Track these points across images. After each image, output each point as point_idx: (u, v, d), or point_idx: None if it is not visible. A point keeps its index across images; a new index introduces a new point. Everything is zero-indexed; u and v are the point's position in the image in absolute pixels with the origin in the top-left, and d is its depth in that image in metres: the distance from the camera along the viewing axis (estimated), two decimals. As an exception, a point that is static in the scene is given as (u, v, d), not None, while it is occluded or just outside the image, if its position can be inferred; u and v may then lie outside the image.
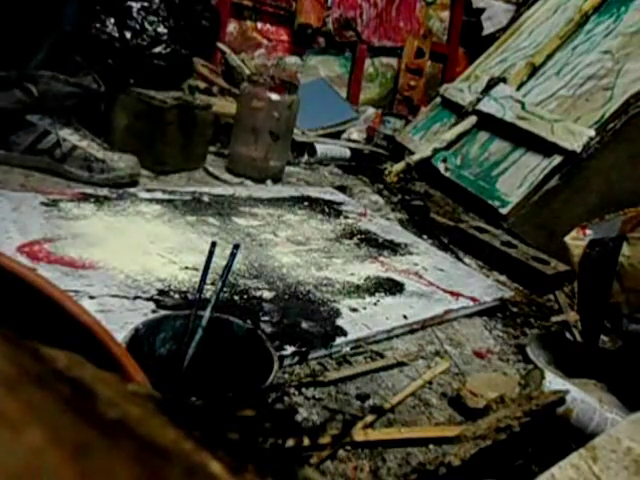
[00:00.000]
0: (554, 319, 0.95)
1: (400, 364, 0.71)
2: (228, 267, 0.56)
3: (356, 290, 0.84)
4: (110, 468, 0.14)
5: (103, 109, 1.24)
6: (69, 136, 1.06)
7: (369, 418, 0.58)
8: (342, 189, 1.47)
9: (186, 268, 0.79)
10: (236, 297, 0.74)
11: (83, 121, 1.12)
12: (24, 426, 0.13)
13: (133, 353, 0.28)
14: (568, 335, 0.90)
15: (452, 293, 0.91)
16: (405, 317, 0.79)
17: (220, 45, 2.00)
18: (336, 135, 1.94)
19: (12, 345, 0.17)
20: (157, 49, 1.22)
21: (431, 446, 0.56)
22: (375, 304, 0.81)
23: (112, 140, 1.21)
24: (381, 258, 1.00)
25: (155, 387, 0.37)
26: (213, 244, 0.60)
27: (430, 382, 0.68)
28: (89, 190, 1.01)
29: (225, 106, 1.60)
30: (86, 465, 0.13)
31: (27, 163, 1.06)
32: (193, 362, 0.51)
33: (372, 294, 0.84)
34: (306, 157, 1.69)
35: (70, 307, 0.27)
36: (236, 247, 0.57)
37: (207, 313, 0.52)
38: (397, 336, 0.78)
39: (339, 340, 0.70)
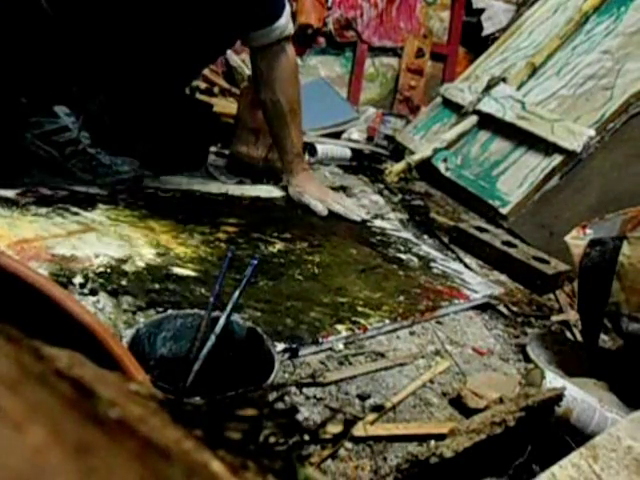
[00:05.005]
0: (554, 318, 0.95)
1: (401, 364, 0.71)
2: (247, 278, 0.56)
3: (345, 287, 0.84)
4: (111, 467, 0.14)
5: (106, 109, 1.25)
6: (84, 139, 1.08)
7: (370, 417, 0.58)
8: (342, 189, 1.48)
9: (178, 265, 0.79)
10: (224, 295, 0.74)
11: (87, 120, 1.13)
12: (26, 425, 0.13)
13: (134, 352, 0.28)
14: (568, 334, 0.90)
15: (442, 290, 0.91)
16: (394, 313, 0.79)
17: (220, 45, 2.00)
18: (336, 135, 1.94)
19: (13, 344, 0.17)
20: None
21: (432, 443, 0.57)
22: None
23: (114, 139, 1.21)
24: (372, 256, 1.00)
25: (156, 386, 0.37)
26: (231, 250, 0.61)
27: (431, 381, 0.68)
28: (82, 188, 1.01)
29: (226, 106, 1.61)
30: (87, 464, 0.13)
31: (35, 149, 1.06)
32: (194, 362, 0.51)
33: (361, 291, 0.84)
34: (307, 157, 1.69)
35: (71, 307, 0.27)
36: (255, 258, 0.58)
37: (222, 321, 0.53)
38: (398, 337, 0.78)
39: (330, 337, 0.70)
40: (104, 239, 0.82)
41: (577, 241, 0.75)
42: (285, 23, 1.15)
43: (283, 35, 1.15)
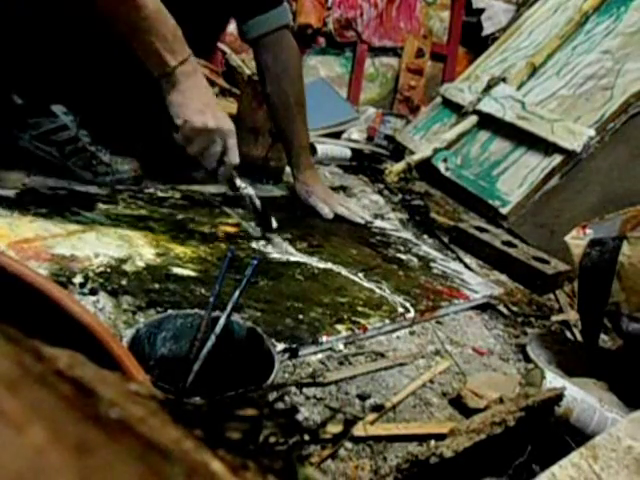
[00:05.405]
0: (554, 318, 0.95)
1: (401, 364, 0.71)
2: (247, 278, 0.56)
3: (345, 287, 0.84)
4: (111, 467, 0.14)
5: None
6: (84, 137, 1.08)
7: (370, 417, 0.58)
8: (342, 189, 1.48)
9: (177, 265, 0.79)
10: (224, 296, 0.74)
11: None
12: (26, 425, 0.13)
13: (134, 352, 0.28)
14: (568, 334, 0.90)
15: (442, 290, 0.91)
16: (394, 313, 0.79)
17: (221, 45, 2.00)
18: (336, 135, 1.94)
19: (14, 344, 0.17)
20: None
21: (432, 443, 0.57)
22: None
23: (114, 139, 1.21)
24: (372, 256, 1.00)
25: (156, 386, 0.37)
26: (231, 251, 0.61)
27: (431, 381, 0.68)
28: (82, 188, 1.01)
29: (226, 106, 1.61)
30: (88, 464, 0.13)
31: (35, 150, 1.06)
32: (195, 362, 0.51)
33: (361, 291, 0.84)
34: (306, 157, 1.69)
35: (71, 307, 0.27)
36: (255, 258, 0.58)
37: (222, 321, 0.53)
38: (398, 337, 0.78)
39: (330, 337, 0.70)
40: (104, 239, 0.82)
41: (577, 241, 0.75)
42: (284, 10, 1.15)
43: (284, 22, 1.15)
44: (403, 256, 1.04)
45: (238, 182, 1.00)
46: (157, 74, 0.88)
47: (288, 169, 1.46)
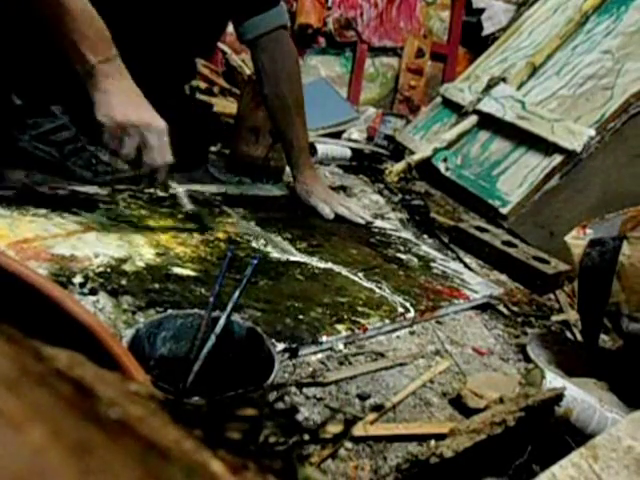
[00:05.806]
0: (554, 318, 0.95)
1: (401, 364, 0.71)
2: (247, 278, 0.56)
3: (345, 287, 0.84)
4: (111, 467, 0.14)
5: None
6: (84, 137, 1.08)
7: (370, 417, 0.58)
8: (342, 189, 1.48)
9: (177, 265, 0.79)
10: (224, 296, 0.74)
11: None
12: (25, 425, 0.13)
13: (134, 352, 0.28)
14: (568, 334, 0.90)
15: (442, 290, 0.91)
16: (394, 313, 0.79)
17: (221, 45, 2.00)
18: (337, 135, 1.94)
19: (14, 344, 0.17)
20: None
21: (432, 443, 0.57)
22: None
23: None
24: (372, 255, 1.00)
25: (156, 386, 0.37)
26: (231, 250, 0.61)
27: (431, 381, 0.68)
28: (82, 189, 1.01)
29: (226, 106, 1.61)
30: (87, 464, 0.13)
31: (34, 151, 1.06)
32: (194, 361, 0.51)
33: (361, 291, 0.84)
34: (306, 157, 1.69)
35: (71, 307, 0.27)
36: (255, 258, 0.58)
37: (222, 321, 0.53)
38: (398, 337, 0.78)
39: (330, 337, 0.70)
40: (104, 239, 0.82)
41: (577, 241, 0.75)
42: (282, 11, 1.16)
43: (281, 23, 1.16)
44: (403, 256, 1.04)
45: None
46: (81, 73, 0.85)
47: (288, 169, 1.47)
